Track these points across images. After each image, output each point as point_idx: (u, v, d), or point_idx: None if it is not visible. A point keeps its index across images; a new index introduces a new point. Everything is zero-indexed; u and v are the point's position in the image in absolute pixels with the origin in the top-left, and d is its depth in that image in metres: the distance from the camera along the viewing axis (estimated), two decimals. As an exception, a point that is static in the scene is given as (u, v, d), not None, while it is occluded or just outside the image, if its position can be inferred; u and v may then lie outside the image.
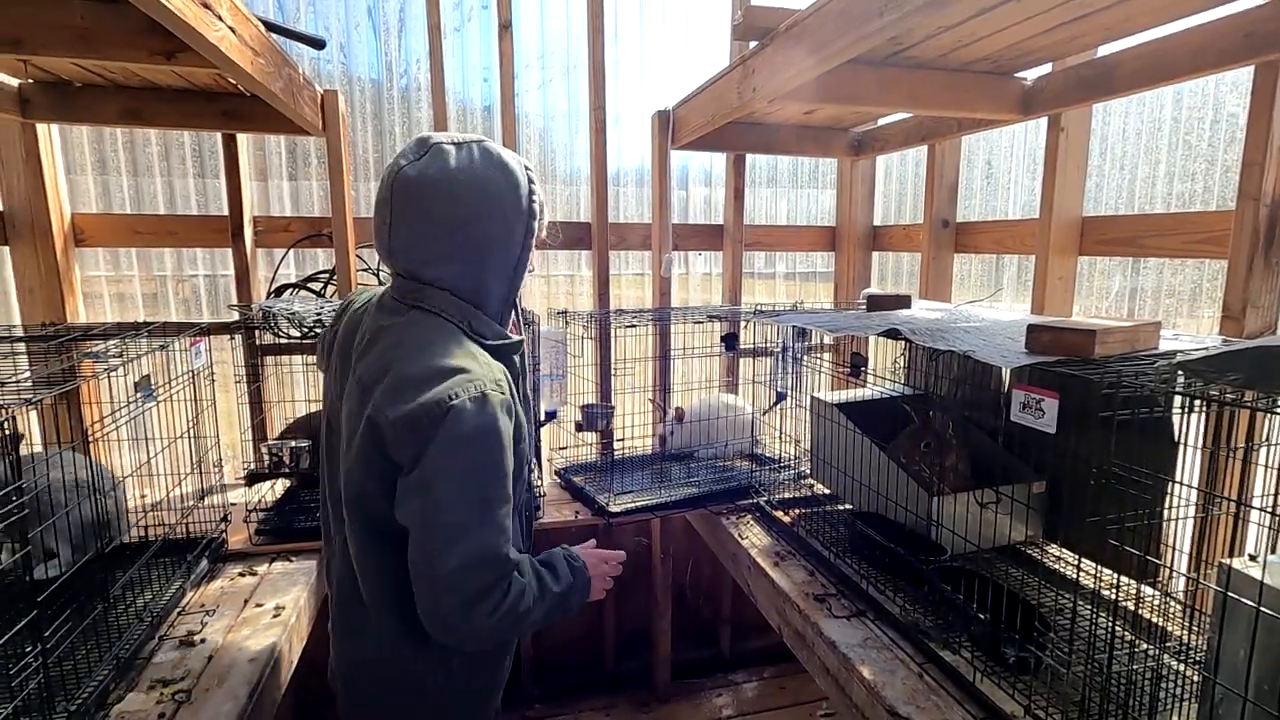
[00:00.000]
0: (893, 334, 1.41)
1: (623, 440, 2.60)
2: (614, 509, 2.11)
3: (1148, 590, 1.47)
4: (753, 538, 2.06)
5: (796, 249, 3.16)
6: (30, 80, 2.06)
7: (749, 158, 2.90)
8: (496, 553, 1.01)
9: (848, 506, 2.04)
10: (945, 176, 2.54)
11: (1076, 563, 1.58)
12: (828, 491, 2.16)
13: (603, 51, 2.63)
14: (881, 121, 2.70)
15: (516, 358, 1.18)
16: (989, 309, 1.88)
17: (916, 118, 2.48)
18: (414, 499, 0.98)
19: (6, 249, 2.26)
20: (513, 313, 1.20)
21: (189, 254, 2.57)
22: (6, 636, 1.01)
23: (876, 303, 1.91)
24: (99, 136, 2.45)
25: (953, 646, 1.40)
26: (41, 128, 2.21)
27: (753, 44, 1.84)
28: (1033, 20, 1.51)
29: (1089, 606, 1.30)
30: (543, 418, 2.10)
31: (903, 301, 1.90)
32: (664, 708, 2.94)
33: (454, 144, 1.08)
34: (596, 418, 2.31)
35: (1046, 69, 1.96)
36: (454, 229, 1.07)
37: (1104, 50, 1.82)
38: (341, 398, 1.14)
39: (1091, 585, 1.53)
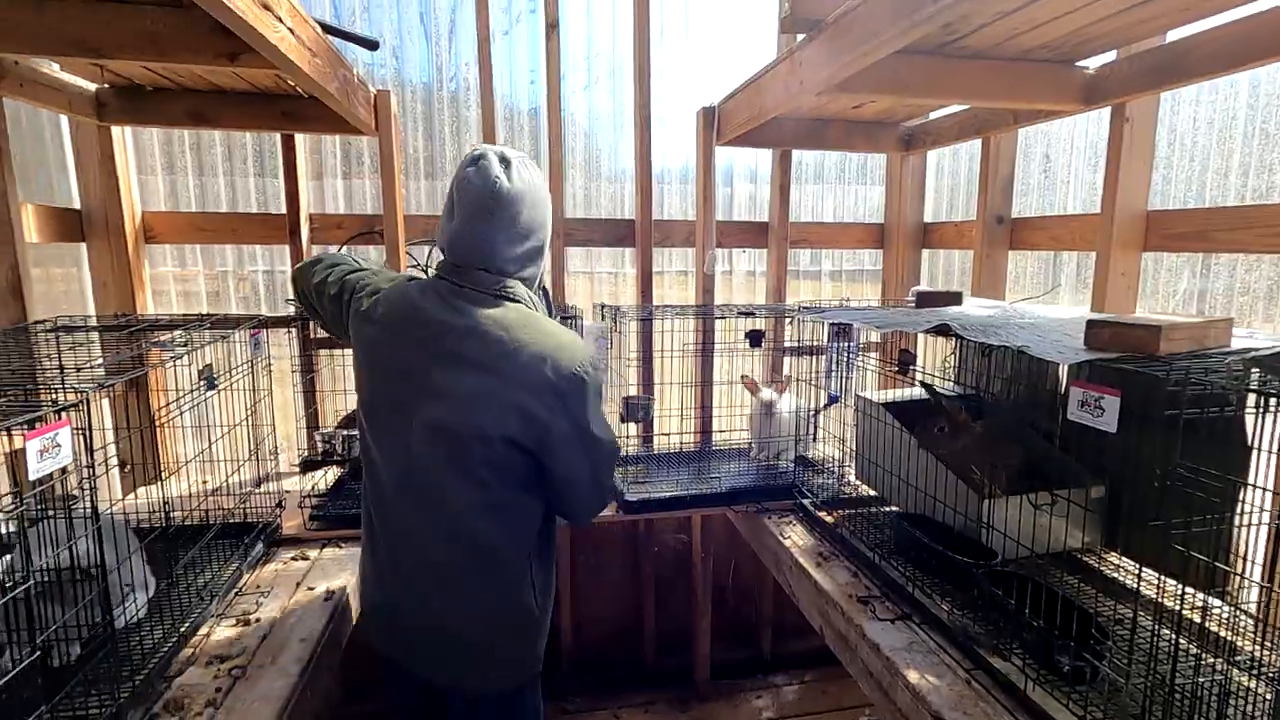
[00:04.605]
0: (943, 330, 1.37)
1: (667, 435, 2.60)
2: (630, 497, 2.12)
3: (1215, 601, 1.40)
4: (795, 537, 2.03)
5: (843, 247, 3.11)
6: (106, 85, 2.18)
7: (795, 153, 2.86)
8: (617, 450, 1.38)
9: (894, 508, 1.99)
10: (1000, 171, 2.46)
11: (1137, 571, 1.51)
12: (873, 493, 2.12)
13: (648, 50, 2.63)
14: (933, 115, 2.63)
15: None
16: (1044, 307, 1.82)
17: (971, 110, 2.41)
18: (575, 445, 1.25)
19: (83, 245, 2.39)
20: (545, 297, 1.44)
21: (249, 250, 2.67)
22: (77, 608, 1.07)
23: (926, 299, 1.86)
24: (168, 138, 2.57)
25: (1003, 653, 1.35)
26: (116, 130, 2.33)
27: (800, 37, 1.81)
28: (1100, 3, 1.45)
29: (1150, 617, 1.23)
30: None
31: (954, 298, 1.85)
32: (703, 707, 2.93)
33: (515, 158, 1.27)
34: (637, 409, 2.31)
35: (1110, 56, 1.88)
36: (530, 231, 1.28)
37: (1173, 35, 1.73)
38: (417, 386, 1.23)
39: (1153, 595, 1.46)
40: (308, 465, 1.95)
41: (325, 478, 2.17)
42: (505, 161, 1.24)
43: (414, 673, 1.36)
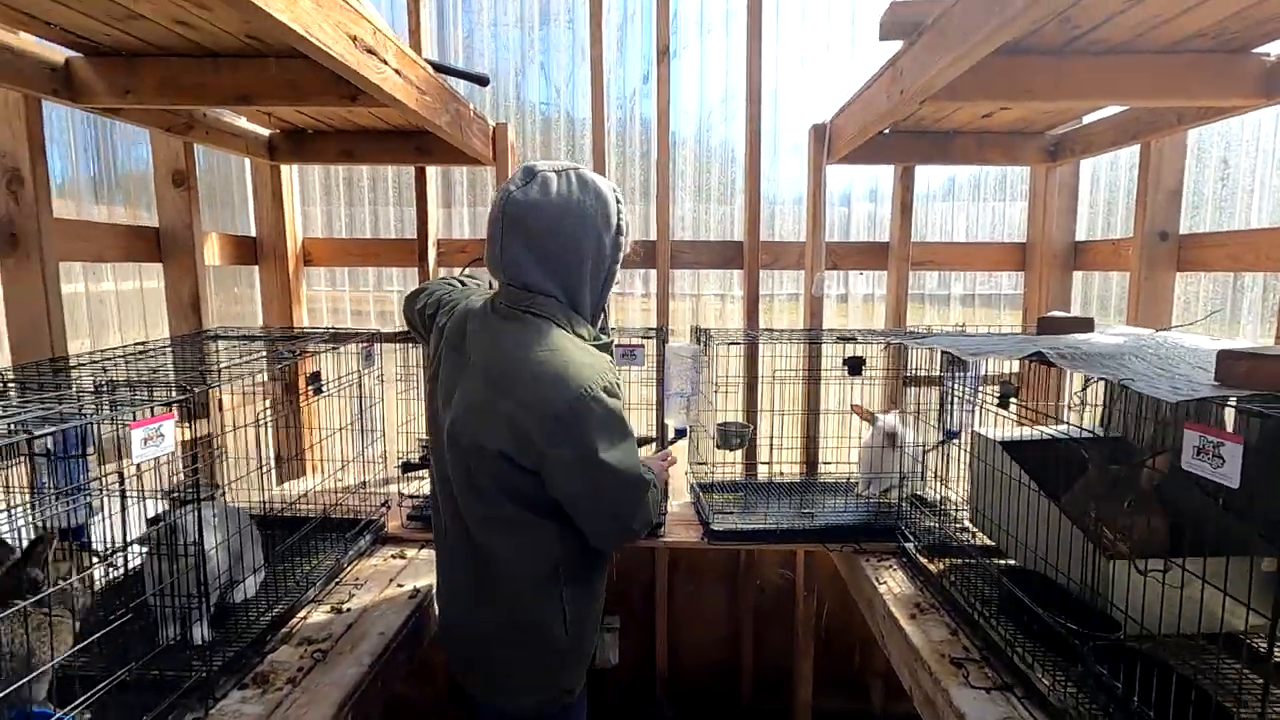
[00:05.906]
0: (1037, 357, 1.20)
1: (766, 464, 2.50)
2: (716, 526, 2.05)
3: None
4: (892, 584, 1.86)
5: (976, 268, 2.84)
6: (276, 130, 2.53)
7: (923, 170, 2.67)
8: (643, 481, 1.26)
9: (1010, 562, 1.76)
10: (1164, 180, 2.13)
11: (1268, 645, 1.21)
12: (989, 543, 1.89)
13: (759, 70, 2.59)
14: (1086, 119, 2.34)
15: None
16: (1203, 339, 1.53)
17: (1128, 112, 2.12)
18: (578, 474, 1.18)
19: (257, 268, 2.77)
20: (602, 317, 1.37)
21: (386, 273, 2.96)
22: (174, 577, 1.22)
23: (1049, 325, 1.65)
24: (326, 173, 2.92)
25: (1112, 745, 1.14)
26: (285, 168, 2.69)
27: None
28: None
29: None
30: (671, 434, 2.09)
31: (1083, 325, 1.61)
32: (802, 758, 2.74)
33: (555, 171, 1.23)
34: (732, 436, 2.24)
35: (1298, 39, 1.57)
36: (556, 245, 1.22)
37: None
38: (447, 395, 1.28)
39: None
40: (407, 467, 2.10)
41: (430, 481, 2.31)
42: (530, 174, 1.22)
43: (460, 682, 1.42)
